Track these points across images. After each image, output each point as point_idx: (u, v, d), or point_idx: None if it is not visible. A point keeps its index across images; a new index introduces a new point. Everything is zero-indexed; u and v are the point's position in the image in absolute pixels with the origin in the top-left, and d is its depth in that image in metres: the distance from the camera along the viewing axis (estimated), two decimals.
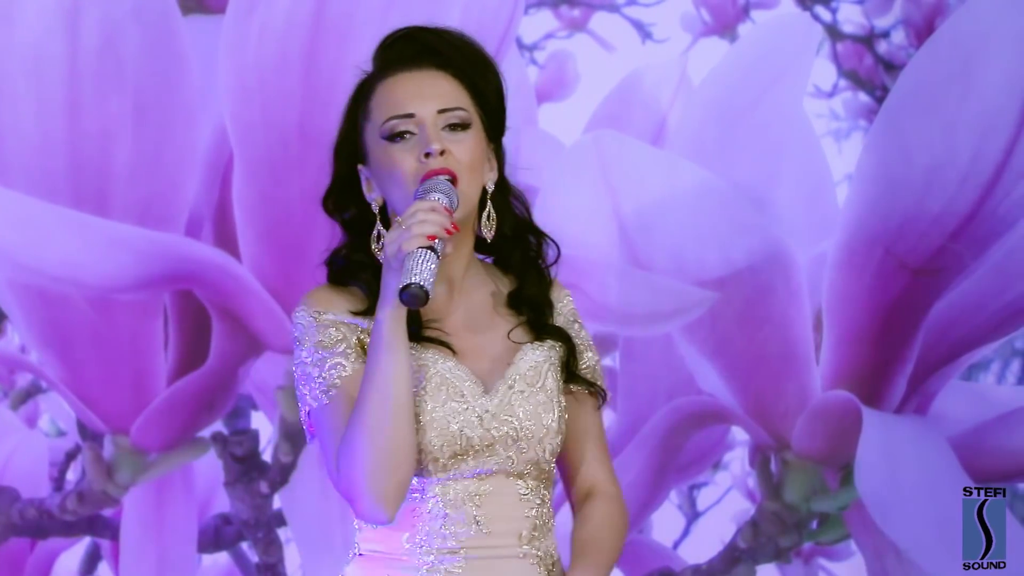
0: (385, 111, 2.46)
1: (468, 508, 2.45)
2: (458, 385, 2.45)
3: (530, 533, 2.47)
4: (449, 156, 2.44)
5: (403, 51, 2.49)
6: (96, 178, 4.02)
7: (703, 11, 4.22)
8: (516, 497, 2.46)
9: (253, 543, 4.18)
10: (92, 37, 3.98)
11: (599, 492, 2.54)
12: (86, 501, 4.15)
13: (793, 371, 4.14)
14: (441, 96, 2.46)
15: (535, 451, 2.46)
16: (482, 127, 2.49)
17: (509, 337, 2.49)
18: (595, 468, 2.55)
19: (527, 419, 2.45)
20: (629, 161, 4.09)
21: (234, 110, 3.99)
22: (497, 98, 2.50)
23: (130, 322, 4.07)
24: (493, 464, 2.45)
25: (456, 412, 2.44)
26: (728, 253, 4.09)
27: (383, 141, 2.46)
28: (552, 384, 2.48)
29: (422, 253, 2.35)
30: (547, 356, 2.49)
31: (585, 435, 2.55)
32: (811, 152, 4.18)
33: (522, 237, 2.53)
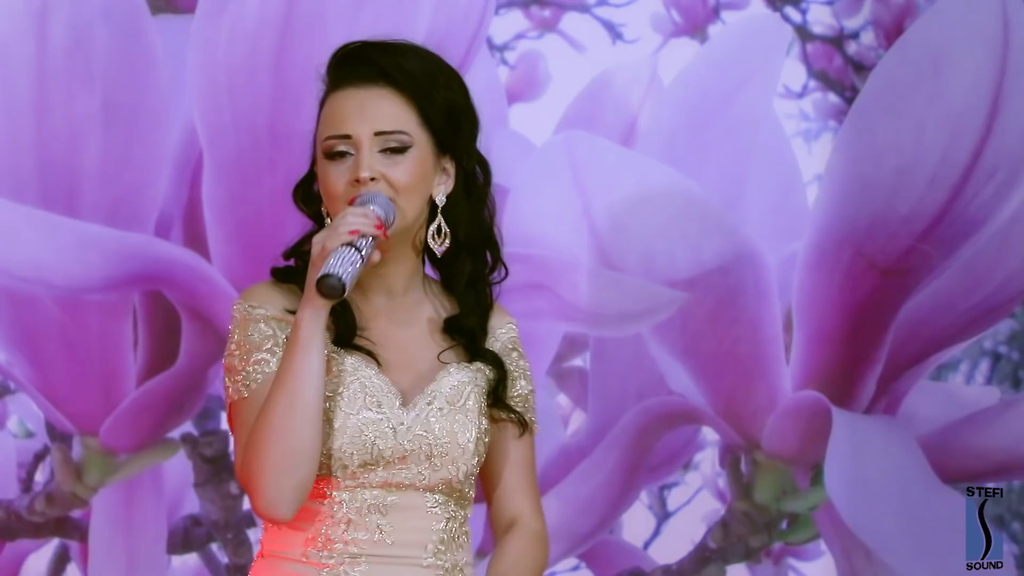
0: (326, 127, 2.46)
1: (373, 517, 2.43)
2: (376, 395, 2.43)
3: (435, 546, 2.45)
4: (380, 181, 2.43)
5: (352, 67, 2.47)
6: (65, 178, 4.01)
7: (673, 12, 4.22)
8: (424, 510, 2.44)
9: (223, 544, 4.17)
10: (60, 36, 3.97)
11: (519, 526, 2.52)
12: (55, 502, 4.14)
13: (763, 371, 4.15)
14: (380, 118, 2.44)
15: (448, 470, 2.44)
16: (430, 144, 2.47)
17: (439, 358, 2.48)
18: (518, 500, 2.53)
19: (443, 436, 2.44)
20: (600, 162, 4.09)
21: (203, 110, 3.98)
22: (446, 117, 2.47)
23: (99, 323, 4.05)
24: (404, 477, 2.43)
25: (371, 421, 2.42)
26: (698, 253, 4.09)
27: (323, 157, 2.46)
28: (473, 406, 2.46)
29: (344, 250, 2.36)
30: (472, 378, 2.47)
31: (509, 464, 2.52)
32: (781, 153, 4.19)
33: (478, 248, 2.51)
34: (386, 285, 2.49)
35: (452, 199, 2.50)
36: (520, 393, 2.53)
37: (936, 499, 4.15)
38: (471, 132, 2.51)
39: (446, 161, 2.50)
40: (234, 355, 2.46)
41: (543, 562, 2.53)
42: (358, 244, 2.37)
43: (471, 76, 2.81)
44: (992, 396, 4.22)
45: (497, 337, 2.53)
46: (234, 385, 2.45)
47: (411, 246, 2.49)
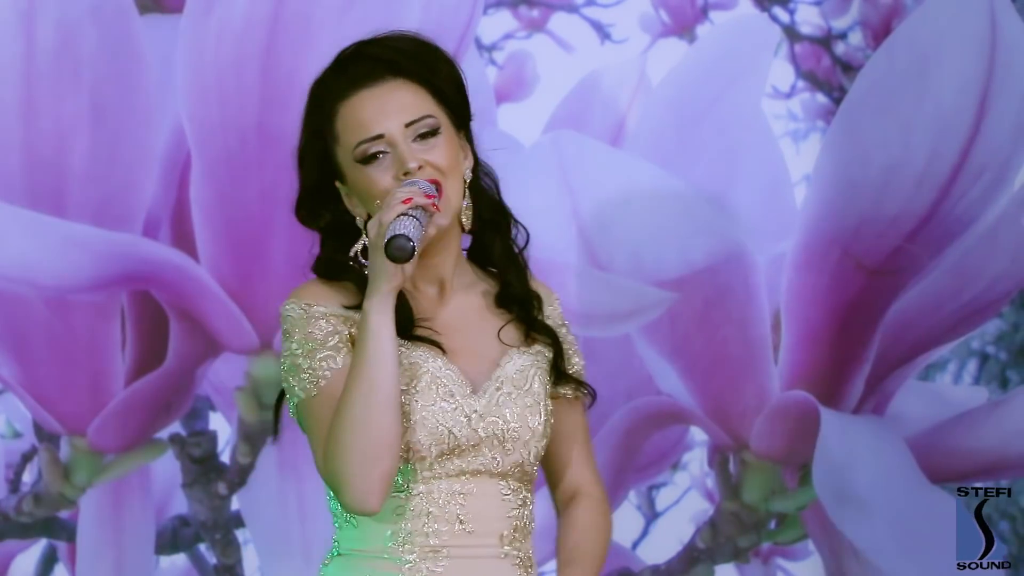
0: (353, 135, 2.45)
1: (452, 507, 2.44)
2: (448, 384, 2.45)
3: (511, 534, 2.46)
4: (427, 168, 2.44)
5: (357, 69, 2.47)
6: (53, 178, 4.00)
7: (662, 12, 4.23)
8: (499, 498, 2.46)
9: (211, 544, 4.17)
10: (48, 37, 3.97)
11: (584, 495, 2.56)
12: (42, 503, 4.14)
13: (752, 372, 4.15)
14: (404, 108, 2.45)
15: (520, 453, 2.46)
16: (450, 122, 2.48)
17: (499, 337, 2.49)
18: (580, 471, 2.57)
19: (514, 421, 2.45)
20: (588, 161, 4.09)
21: (191, 110, 3.98)
22: (456, 89, 2.49)
23: (87, 322, 4.05)
24: (479, 464, 2.44)
25: (445, 411, 2.43)
26: (687, 254, 4.10)
27: (358, 164, 2.46)
28: (539, 388, 2.49)
29: (402, 219, 2.35)
30: (534, 360, 2.49)
31: (571, 438, 2.56)
32: (769, 153, 4.19)
33: (499, 221, 2.53)
34: (436, 273, 2.50)
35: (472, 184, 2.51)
36: (575, 370, 2.57)
37: (924, 499, 4.16)
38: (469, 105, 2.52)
39: (462, 138, 2.51)
40: (296, 354, 2.45)
41: (610, 528, 2.57)
42: (414, 213, 2.36)
43: None
44: (980, 396, 4.23)
45: (548, 314, 2.55)
46: (300, 384, 2.45)
47: (455, 231, 2.50)
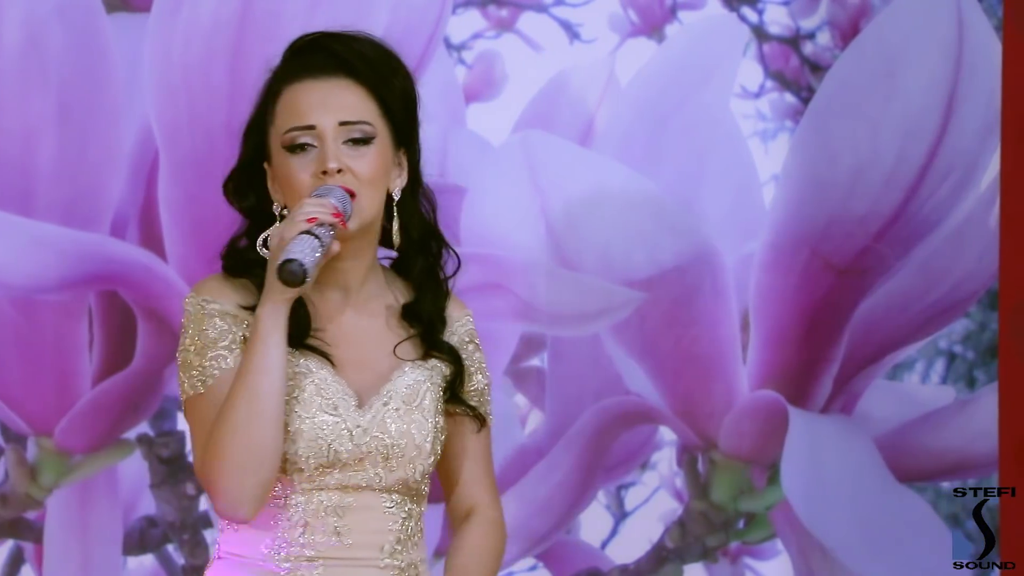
0: (287, 120, 2.44)
1: (330, 519, 2.43)
2: (332, 398, 2.42)
3: (392, 546, 2.45)
4: (347, 173, 2.42)
5: (311, 58, 2.47)
6: (19, 177, 3.99)
7: (630, 12, 4.22)
8: (380, 511, 2.44)
9: (179, 545, 4.16)
10: (14, 35, 3.95)
11: (476, 515, 2.54)
12: (9, 504, 4.12)
13: (720, 371, 4.16)
14: (344, 108, 2.43)
15: (405, 470, 2.44)
16: (389, 136, 2.46)
17: (395, 352, 2.47)
18: (475, 489, 2.54)
19: (399, 438, 2.43)
20: (557, 161, 4.09)
21: (159, 109, 3.97)
22: (404, 107, 2.47)
23: (54, 322, 4.03)
24: (360, 479, 2.43)
25: (327, 425, 2.41)
26: (655, 253, 4.10)
27: (283, 150, 2.44)
28: (429, 404, 2.46)
29: (303, 238, 2.33)
30: (428, 375, 2.47)
31: (465, 456, 2.53)
32: (738, 153, 4.19)
33: (427, 243, 2.51)
34: (343, 280, 2.48)
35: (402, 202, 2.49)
36: (476, 387, 2.53)
37: (892, 498, 4.17)
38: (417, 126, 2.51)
39: (401, 155, 2.49)
40: (189, 350, 2.45)
41: (501, 550, 2.54)
42: (316, 232, 2.34)
43: (428, 75, 2.83)
44: (947, 396, 4.24)
45: (454, 330, 2.53)
46: (190, 380, 2.44)
47: (368, 241, 2.48)
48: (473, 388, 2.53)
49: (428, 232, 2.51)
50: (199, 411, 2.43)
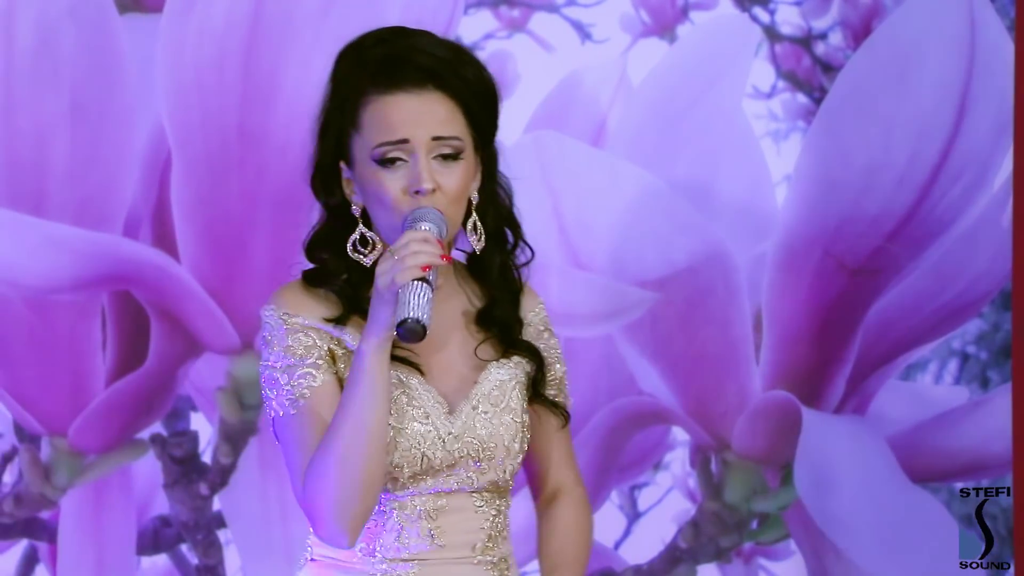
0: (377, 133, 2.42)
1: (423, 523, 2.44)
2: (423, 406, 2.43)
3: (484, 544, 2.47)
4: (438, 192, 2.41)
5: (400, 71, 2.43)
6: (33, 178, 4.00)
7: (642, 12, 4.23)
8: (472, 511, 2.46)
9: (193, 545, 4.17)
10: (27, 36, 3.96)
11: (564, 495, 2.57)
12: (23, 503, 4.13)
13: (733, 371, 4.15)
14: (437, 123, 2.42)
15: (495, 471, 2.46)
16: (472, 144, 2.45)
17: (476, 353, 2.48)
18: (561, 471, 2.57)
19: (490, 441, 2.45)
20: (569, 161, 4.09)
21: (172, 110, 3.98)
22: (484, 106, 2.46)
23: (68, 323, 4.04)
24: (453, 483, 2.44)
25: (420, 434, 2.42)
26: (668, 253, 4.10)
27: (373, 163, 2.42)
28: (516, 404, 2.48)
29: (417, 286, 2.32)
30: (513, 374, 2.48)
31: (550, 443, 2.56)
32: (750, 153, 4.19)
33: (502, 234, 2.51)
34: None
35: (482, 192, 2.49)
36: (555, 376, 2.56)
37: (905, 498, 4.16)
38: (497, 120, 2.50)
39: (477, 158, 2.49)
40: (275, 368, 2.43)
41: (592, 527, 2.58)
42: (429, 278, 2.34)
43: None
44: (960, 396, 4.23)
45: (529, 321, 2.54)
46: (278, 400, 2.43)
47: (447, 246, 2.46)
48: (553, 378, 2.55)
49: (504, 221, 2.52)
50: (291, 431, 2.42)
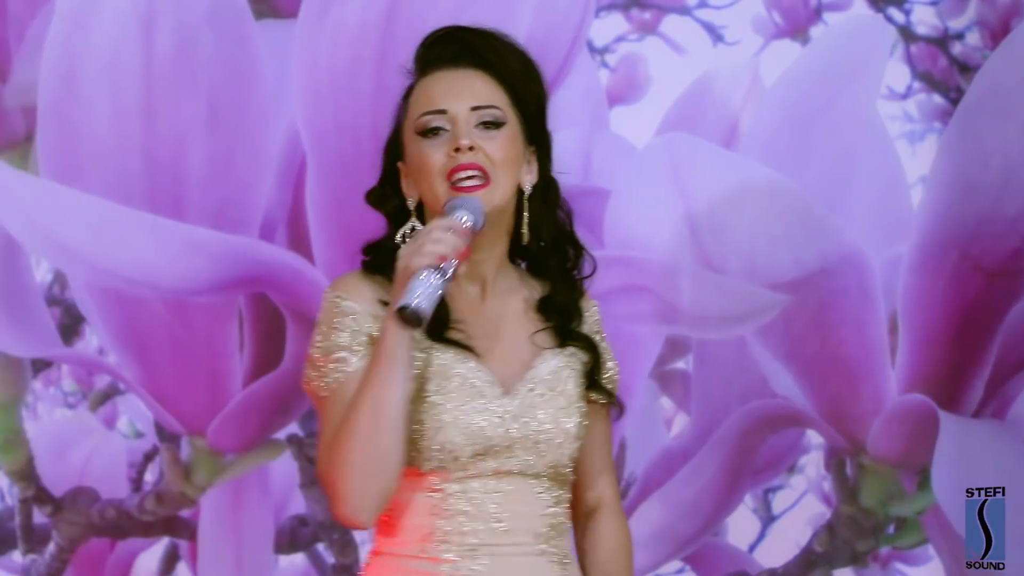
0: (419, 107, 2.48)
1: (487, 506, 2.45)
2: (479, 386, 2.45)
3: (547, 532, 2.47)
4: (479, 152, 2.44)
5: (443, 50, 2.51)
6: (171, 181, 4.06)
7: (775, 13, 4.21)
8: (533, 496, 2.46)
9: (329, 544, 4.21)
10: (166, 42, 4.03)
11: (607, 509, 2.56)
12: (164, 502, 4.19)
13: (868, 374, 4.12)
14: (476, 94, 2.47)
15: (554, 455, 2.46)
16: (519, 129, 2.49)
17: (533, 340, 2.50)
18: (602, 480, 2.57)
19: (547, 422, 2.46)
20: (701, 164, 4.08)
21: (306, 113, 4.02)
22: (536, 104, 2.50)
23: (206, 324, 4.10)
24: (512, 465, 2.45)
25: (477, 411, 2.44)
26: (801, 256, 4.08)
27: (416, 136, 2.47)
28: (572, 389, 2.49)
29: (427, 274, 2.35)
30: (568, 362, 2.50)
31: (593, 443, 2.55)
32: (885, 154, 4.16)
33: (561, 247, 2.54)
34: (479, 273, 2.51)
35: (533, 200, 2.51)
36: (609, 375, 2.56)
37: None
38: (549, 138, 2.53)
39: (530, 153, 2.51)
40: (317, 347, 2.48)
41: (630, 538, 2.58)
42: (443, 267, 2.36)
43: (571, 79, 2.84)
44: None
45: (585, 320, 2.56)
46: (315, 380, 2.48)
47: (500, 232, 2.51)
48: (607, 375, 2.55)
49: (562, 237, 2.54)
50: (324, 411, 2.46)
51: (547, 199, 2.52)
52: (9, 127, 4.15)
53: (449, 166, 2.44)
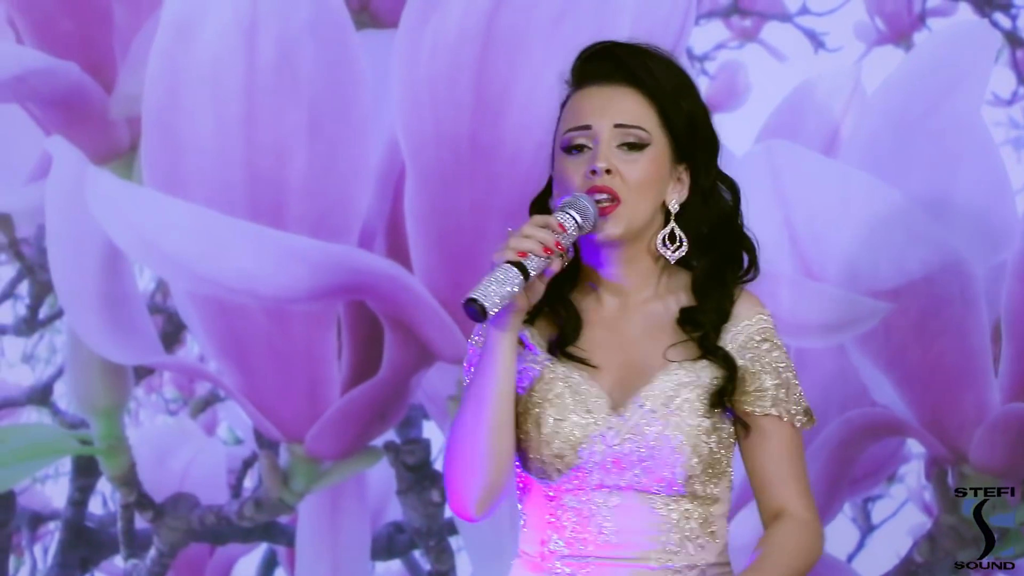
0: (567, 122, 2.48)
1: (596, 519, 2.45)
2: (585, 400, 2.45)
3: (665, 547, 2.45)
4: (615, 176, 2.44)
5: (595, 66, 2.49)
6: (272, 190, 4.09)
7: (877, 20, 4.18)
8: (648, 512, 2.45)
9: (425, 551, 4.22)
10: (269, 52, 4.06)
11: (787, 515, 2.49)
12: (263, 508, 4.22)
13: (971, 383, 4.08)
14: (622, 112, 2.46)
15: (663, 471, 2.44)
16: (668, 148, 2.48)
17: (665, 354, 2.48)
18: (782, 491, 2.49)
19: (655, 440, 2.44)
20: (801, 171, 4.06)
21: (406, 122, 4.03)
22: (687, 125, 2.48)
23: (305, 332, 4.12)
24: (621, 480, 2.44)
25: (578, 426, 2.44)
26: (903, 263, 4.04)
27: (561, 152, 2.48)
28: (692, 406, 2.45)
29: (504, 268, 2.36)
30: (694, 378, 2.46)
31: (766, 457, 2.49)
32: (989, 161, 4.11)
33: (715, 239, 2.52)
34: (617, 286, 2.50)
35: (689, 206, 2.50)
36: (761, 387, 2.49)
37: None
38: (710, 148, 2.51)
39: (681, 170, 2.50)
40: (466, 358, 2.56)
41: (809, 549, 2.48)
42: (526, 263, 2.37)
43: None
44: None
45: (740, 330, 2.51)
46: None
47: (644, 248, 2.49)
48: (756, 389, 2.49)
49: (718, 227, 2.52)
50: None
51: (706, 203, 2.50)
52: (114, 138, 4.19)
53: (585, 186, 2.45)
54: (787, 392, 2.51)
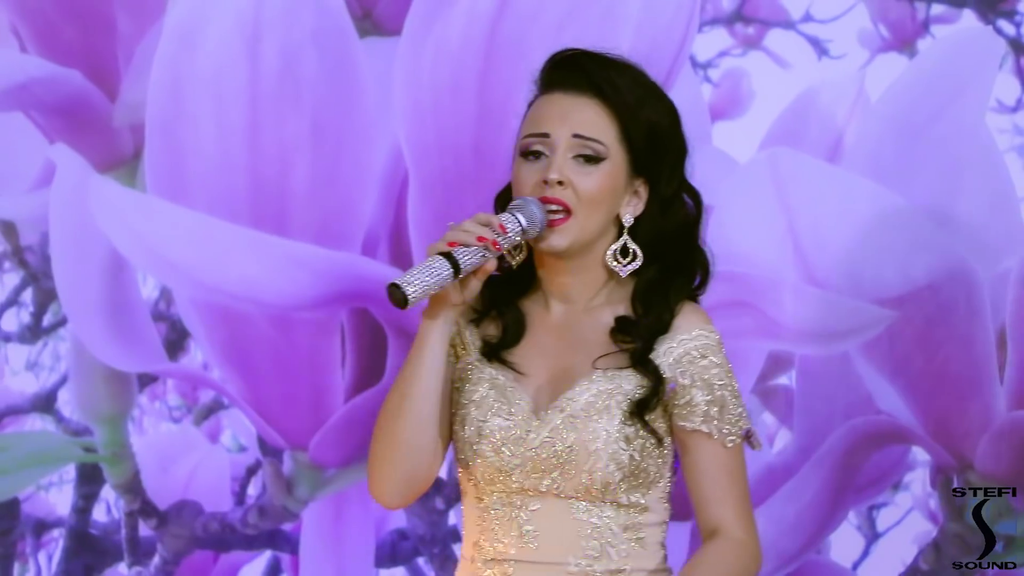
0: (527, 127, 2.50)
1: (517, 522, 2.47)
2: (509, 403, 2.47)
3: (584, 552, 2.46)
4: (568, 188, 2.45)
5: (561, 73, 2.51)
6: (275, 198, 4.09)
7: (881, 27, 4.18)
8: (568, 517, 2.46)
9: (429, 558, 4.22)
10: (272, 60, 4.06)
11: (721, 534, 2.48)
12: (267, 515, 4.22)
13: (976, 391, 4.08)
14: (581, 123, 2.47)
15: (581, 478, 2.45)
16: (625, 162, 2.48)
17: (594, 363, 2.48)
18: (716, 510, 2.48)
19: (574, 445, 2.44)
20: (805, 178, 4.06)
21: (409, 130, 4.04)
22: (647, 138, 2.48)
23: (308, 339, 4.13)
24: (542, 484, 2.46)
25: (501, 428, 2.46)
26: (907, 271, 4.04)
27: (519, 156, 2.50)
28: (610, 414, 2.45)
29: (434, 258, 2.38)
30: (616, 386, 2.46)
31: (701, 474, 2.48)
32: (994, 168, 4.11)
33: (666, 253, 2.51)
34: (564, 294, 2.52)
35: (645, 219, 2.50)
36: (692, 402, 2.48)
37: None
38: (673, 158, 2.51)
39: (639, 183, 2.50)
40: None
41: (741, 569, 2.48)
42: (457, 256, 2.38)
43: (674, 94, 2.82)
44: None
45: (678, 343, 2.50)
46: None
47: (594, 259, 2.50)
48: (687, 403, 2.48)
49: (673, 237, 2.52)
50: None
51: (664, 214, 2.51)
52: (117, 145, 4.20)
53: (537, 194, 2.46)
54: (720, 410, 2.48)
